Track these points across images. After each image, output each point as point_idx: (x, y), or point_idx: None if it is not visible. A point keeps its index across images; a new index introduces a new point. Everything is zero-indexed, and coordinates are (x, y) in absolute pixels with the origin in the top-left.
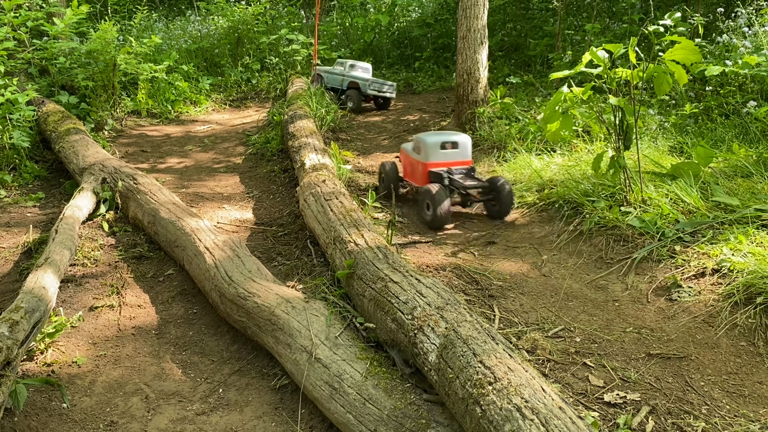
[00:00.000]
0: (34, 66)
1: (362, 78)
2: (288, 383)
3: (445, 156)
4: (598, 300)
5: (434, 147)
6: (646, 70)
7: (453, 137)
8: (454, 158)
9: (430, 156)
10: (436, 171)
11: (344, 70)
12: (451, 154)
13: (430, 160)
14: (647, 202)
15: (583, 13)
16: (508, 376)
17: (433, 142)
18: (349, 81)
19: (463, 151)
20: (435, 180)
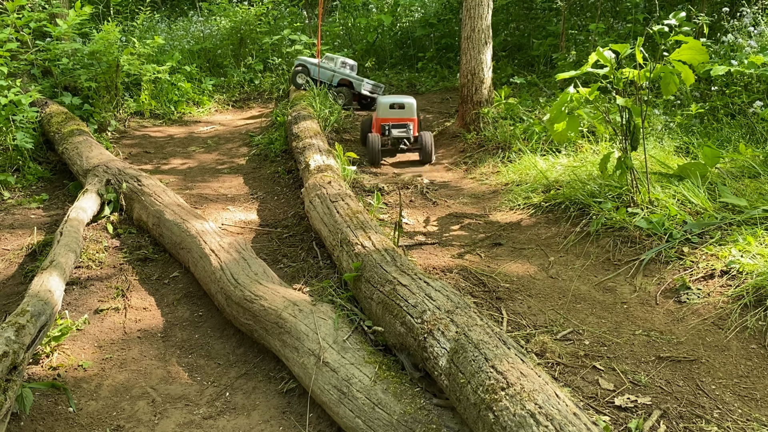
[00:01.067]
0: (37, 67)
1: (355, 77)
2: (295, 387)
3: (393, 113)
4: (606, 302)
5: (385, 106)
6: (653, 70)
7: (400, 100)
8: (399, 116)
9: (380, 113)
10: (383, 124)
11: (335, 66)
12: (398, 112)
13: (381, 116)
14: (654, 203)
15: (587, 13)
16: (521, 382)
17: (384, 103)
18: (340, 78)
19: (408, 111)
20: (381, 131)
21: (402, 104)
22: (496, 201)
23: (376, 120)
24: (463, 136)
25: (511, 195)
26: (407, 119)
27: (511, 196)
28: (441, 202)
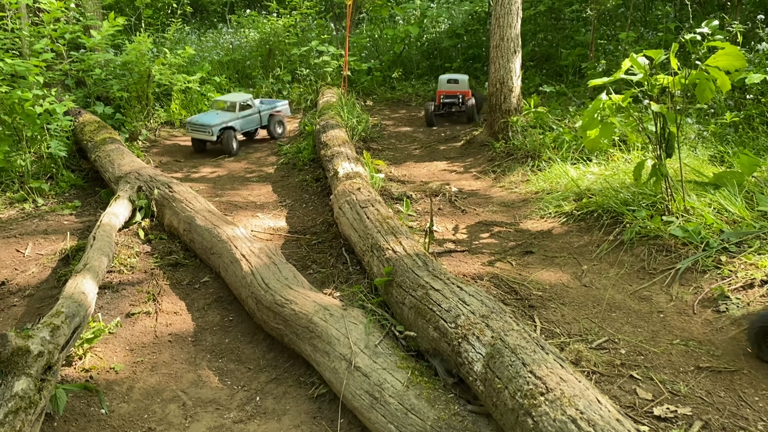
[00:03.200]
0: (71, 77)
1: (235, 115)
2: (326, 392)
3: (449, 87)
4: (642, 311)
5: (443, 81)
6: (688, 76)
7: (455, 76)
8: (454, 89)
9: (440, 86)
10: (441, 95)
11: (221, 114)
12: (453, 86)
13: (440, 89)
14: (690, 211)
15: (617, 23)
16: (560, 387)
17: (443, 79)
18: (220, 127)
19: (461, 85)
20: (438, 100)
21: (456, 79)
22: (526, 209)
23: (437, 93)
24: (491, 145)
25: (542, 203)
26: (462, 92)
27: (541, 205)
28: (470, 210)
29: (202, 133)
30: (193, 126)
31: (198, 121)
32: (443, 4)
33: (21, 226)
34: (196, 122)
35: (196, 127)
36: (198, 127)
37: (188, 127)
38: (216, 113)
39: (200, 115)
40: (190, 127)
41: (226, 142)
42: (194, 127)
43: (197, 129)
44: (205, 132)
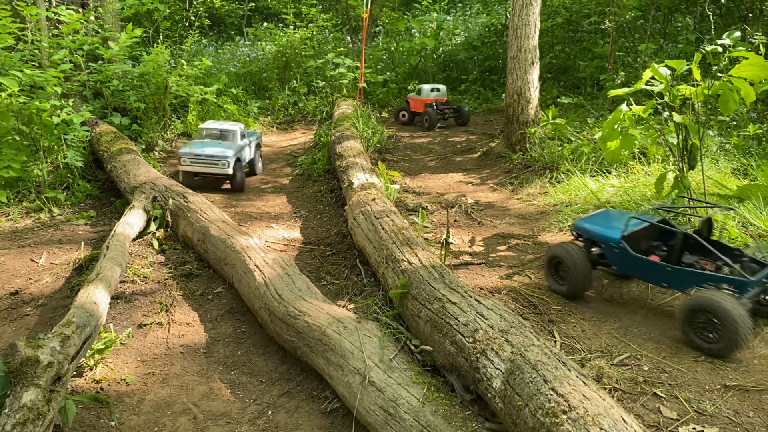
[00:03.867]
0: (89, 88)
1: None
2: (339, 407)
3: (434, 95)
4: (665, 327)
5: (427, 91)
6: (712, 87)
7: (437, 86)
8: (436, 97)
9: (424, 95)
10: (428, 103)
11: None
12: (437, 94)
13: (423, 97)
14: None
15: (635, 35)
16: (584, 405)
17: (426, 88)
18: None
19: (442, 93)
20: (429, 106)
21: (438, 88)
22: (544, 222)
23: (422, 101)
24: (508, 157)
25: (561, 216)
26: (442, 99)
27: (560, 217)
28: (487, 222)
29: (213, 166)
30: (196, 158)
31: (205, 152)
32: (460, 16)
33: (36, 236)
34: (201, 154)
35: (203, 160)
36: (206, 160)
37: (186, 159)
38: (216, 143)
39: (199, 145)
40: (191, 160)
41: (240, 179)
42: (198, 160)
43: (204, 162)
44: (216, 165)
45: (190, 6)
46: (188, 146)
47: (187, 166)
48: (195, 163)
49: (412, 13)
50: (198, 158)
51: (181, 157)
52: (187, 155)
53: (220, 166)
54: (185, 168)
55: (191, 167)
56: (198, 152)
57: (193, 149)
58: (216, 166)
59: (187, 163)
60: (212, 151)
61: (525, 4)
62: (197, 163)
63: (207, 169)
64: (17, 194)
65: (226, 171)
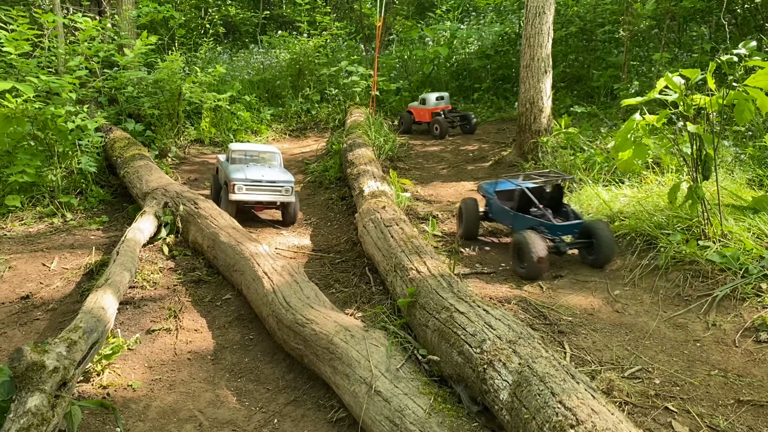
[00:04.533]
0: (104, 95)
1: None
2: (345, 416)
3: (438, 104)
4: (677, 339)
5: (432, 99)
6: (726, 96)
7: (441, 94)
8: (442, 105)
9: (429, 105)
10: (435, 112)
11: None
12: (441, 103)
13: (429, 107)
14: (727, 236)
15: (650, 44)
16: (592, 419)
17: (433, 97)
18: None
19: (447, 101)
20: (436, 114)
21: (443, 96)
22: None
23: (428, 110)
24: (520, 166)
25: None
26: (447, 107)
27: None
28: (497, 231)
29: (275, 193)
30: (255, 185)
31: (265, 177)
32: (473, 25)
33: (48, 240)
34: (261, 179)
35: (263, 186)
36: (266, 186)
37: (242, 186)
38: (266, 167)
39: (252, 170)
40: (247, 187)
41: (296, 208)
42: (257, 186)
43: (264, 189)
44: (279, 192)
45: (206, 14)
46: (235, 171)
47: (242, 195)
48: (253, 191)
49: (425, 21)
50: (257, 185)
51: (232, 183)
52: (242, 181)
53: (283, 192)
54: (239, 197)
55: (247, 195)
56: (256, 177)
57: (248, 174)
58: (279, 192)
59: (242, 191)
60: (273, 176)
61: (538, 12)
62: (255, 190)
63: (266, 197)
64: (31, 199)
65: (289, 198)
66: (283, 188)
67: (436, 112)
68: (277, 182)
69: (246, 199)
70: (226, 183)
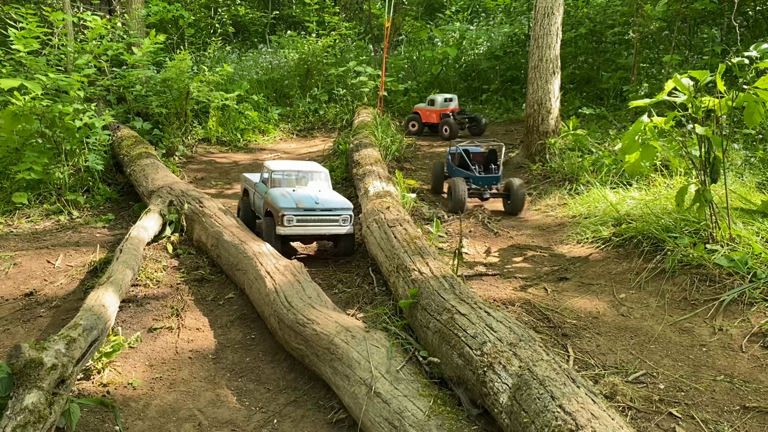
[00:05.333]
0: (112, 93)
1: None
2: (345, 417)
3: (446, 105)
4: (683, 344)
5: (441, 100)
6: (736, 98)
7: (449, 95)
8: (451, 107)
9: (438, 106)
10: (444, 113)
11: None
12: (449, 104)
13: (438, 108)
14: (736, 240)
15: (660, 46)
16: (592, 424)
17: (440, 98)
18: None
19: (455, 102)
20: (445, 116)
21: (451, 98)
22: (562, 234)
23: (437, 112)
24: (527, 167)
25: (579, 228)
26: (456, 108)
27: (578, 229)
28: (503, 233)
29: (331, 224)
30: (308, 216)
31: (319, 204)
32: (482, 26)
33: (54, 238)
34: (315, 208)
35: (318, 216)
36: (322, 216)
37: (292, 218)
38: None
39: (303, 197)
40: (298, 218)
41: (351, 241)
42: (312, 217)
43: (320, 219)
44: (336, 222)
45: (215, 13)
46: (281, 198)
47: (294, 227)
48: (306, 223)
49: (435, 22)
50: (311, 215)
51: (281, 214)
52: (293, 211)
53: (340, 222)
54: (289, 230)
55: (299, 228)
56: (309, 205)
57: (298, 201)
58: (336, 223)
59: (292, 222)
60: (328, 202)
61: (547, 13)
62: (310, 222)
63: (322, 229)
64: (38, 196)
65: (346, 230)
66: (339, 217)
67: (445, 114)
68: (333, 210)
69: (298, 233)
70: (269, 212)
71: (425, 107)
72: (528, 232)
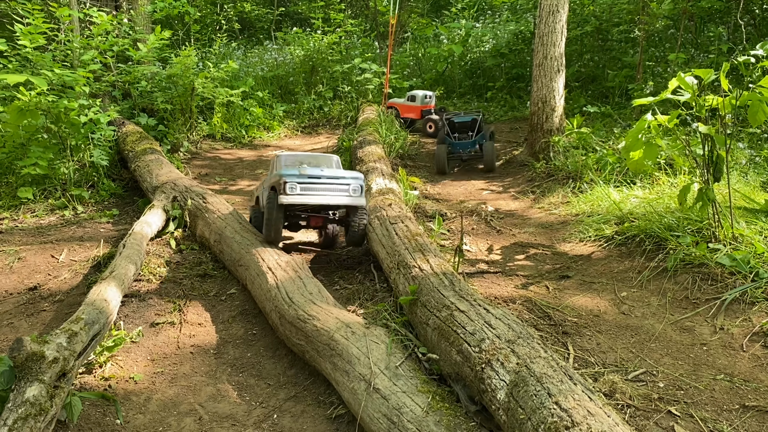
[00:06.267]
0: (117, 89)
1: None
2: (344, 413)
3: (427, 102)
4: (683, 343)
5: (422, 97)
6: (740, 97)
7: (429, 93)
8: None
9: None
10: (425, 110)
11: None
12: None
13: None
14: (738, 239)
15: (666, 44)
16: (587, 421)
17: (421, 94)
18: None
19: (434, 100)
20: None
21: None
22: (564, 232)
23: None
24: (531, 165)
25: (582, 226)
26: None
27: (581, 227)
28: (506, 231)
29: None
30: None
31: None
32: (488, 23)
33: (59, 232)
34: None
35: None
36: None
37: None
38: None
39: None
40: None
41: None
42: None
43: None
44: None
45: (221, 10)
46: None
47: (296, 196)
48: (309, 191)
49: (440, 19)
50: (315, 182)
51: (283, 181)
52: (295, 178)
53: (350, 192)
54: (292, 199)
55: (303, 197)
56: (314, 173)
57: (303, 170)
58: (344, 192)
59: (295, 190)
60: (333, 172)
61: (552, 11)
62: (313, 190)
63: (329, 198)
64: (43, 191)
65: (358, 201)
66: (349, 186)
67: (427, 110)
68: (341, 178)
69: (302, 201)
70: (273, 187)
71: (404, 102)
72: (531, 229)
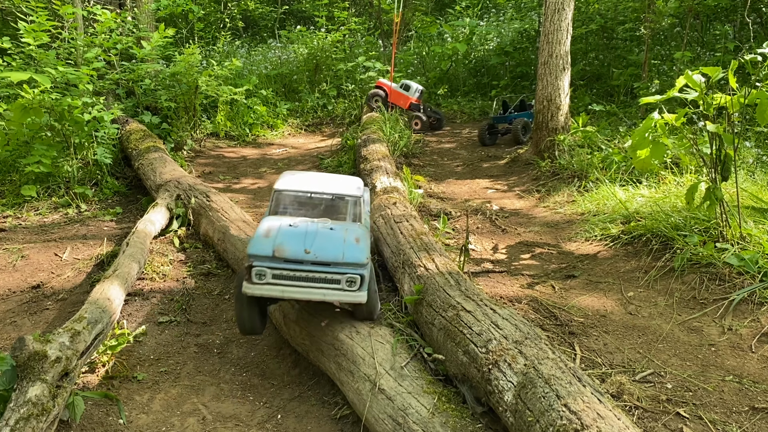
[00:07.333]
0: (121, 87)
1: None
2: (349, 413)
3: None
4: (691, 343)
5: (415, 90)
6: (748, 95)
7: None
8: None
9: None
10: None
11: None
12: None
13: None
14: (746, 238)
15: (671, 42)
16: (597, 424)
17: (415, 87)
18: None
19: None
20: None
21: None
22: (570, 231)
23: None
24: (536, 164)
25: (587, 225)
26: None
27: (587, 227)
28: (511, 230)
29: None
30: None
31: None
32: (492, 22)
33: (62, 231)
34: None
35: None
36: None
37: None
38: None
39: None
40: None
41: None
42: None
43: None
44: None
45: (225, 8)
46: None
47: (265, 286)
48: (288, 281)
49: (444, 18)
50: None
51: (250, 265)
52: (267, 261)
53: (343, 286)
54: (259, 290)
55: (273, 288)
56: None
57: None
58: (335, 286)
59: (266, 278)
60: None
61: (557, 9)
62: (293, 280)
63: (310, 295)
64: (47, 189)
65: (353, 298)
66: (343, 277)
67: (416, 105)
68: (332, 266)
69: (273, 295)
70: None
71: (396, 88)
72: (536, 229)
